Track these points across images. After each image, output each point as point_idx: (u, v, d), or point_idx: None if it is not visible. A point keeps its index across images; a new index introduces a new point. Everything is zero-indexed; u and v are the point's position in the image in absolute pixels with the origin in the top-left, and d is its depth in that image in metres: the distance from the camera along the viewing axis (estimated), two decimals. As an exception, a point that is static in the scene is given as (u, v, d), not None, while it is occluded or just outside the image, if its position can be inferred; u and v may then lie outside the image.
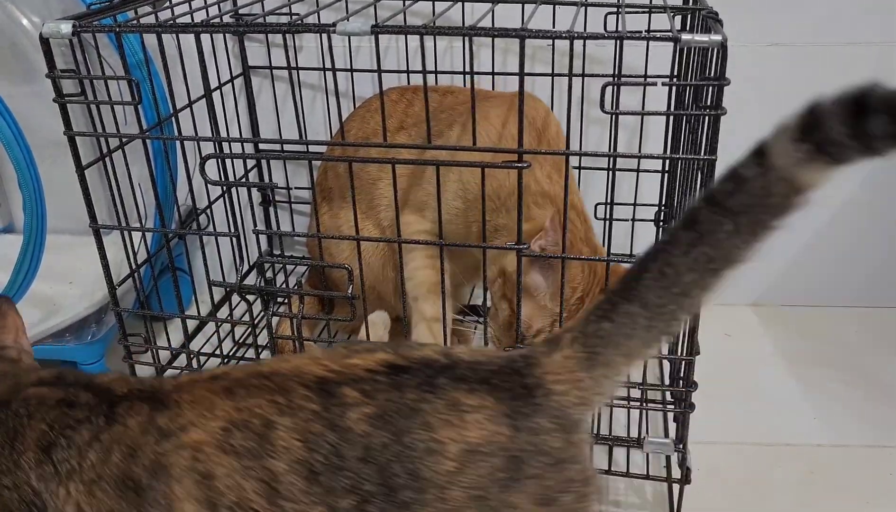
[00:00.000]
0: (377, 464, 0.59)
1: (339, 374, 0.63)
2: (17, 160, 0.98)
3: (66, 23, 0.85)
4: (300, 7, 1.25)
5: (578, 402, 0.62)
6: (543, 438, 0.60)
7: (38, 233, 1.03)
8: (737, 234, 0.59)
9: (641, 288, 0.61)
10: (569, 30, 0.76)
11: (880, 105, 0.48)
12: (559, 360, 0.62)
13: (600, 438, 0.97)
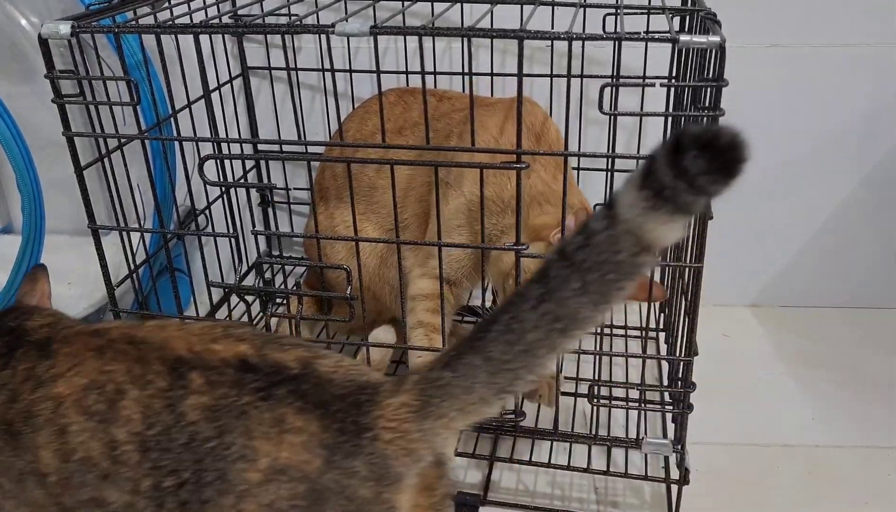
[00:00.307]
0: (196, 455, 0.60)
1: (196, 356, 0.64)
2: (16, 160, 0.98)
3: (65, 23, 0.85)
4: (299, 8, 1.25)
5: (404, 454, 0.59)
6: (352, 483, 0.58)
7: (37, 233, 1.03)
8: (584, 293, 0.56)
9: (488, 340, 0.58)
10: (567, 31, 0.76)
11: (691, 143, 0.48)
12: (395, 405, 0.60)
13: (599, 438, 0.97)
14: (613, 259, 0.55)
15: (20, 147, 1.00)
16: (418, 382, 0.61)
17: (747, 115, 1.26)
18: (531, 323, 0.57)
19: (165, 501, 0.61)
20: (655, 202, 0.51)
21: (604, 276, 0.55)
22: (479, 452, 1.05)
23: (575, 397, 1.14)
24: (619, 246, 0.54)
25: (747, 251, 1.42)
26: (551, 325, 0.57)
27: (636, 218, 0.53)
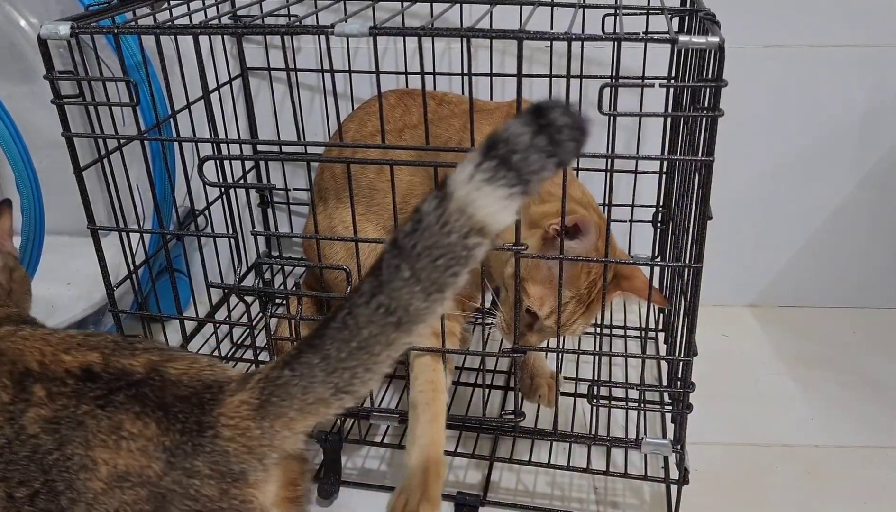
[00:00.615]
0: (42, 466, 0.61)
1: (43, 368, 0.65)
2: (15, 161, 0.98)
3: (65, 24, 0.85)
4: (299, 8, 1.25)
5: (244, 451, 0.59)
6: (195, 483, 0.58)
7: (36, 234, 1.03)
8: (415, 282, 0.54)
9: (325, 337, 0.57)
10: (567, 31, 0.76)
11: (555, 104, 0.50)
12: (235, 403, 0.60)
13: (598, 438, 0.97)
14: (443, 242, 0.53)
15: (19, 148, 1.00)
16: (259, 380, 0.60)
17: (746, 115, 1.27)
18: (364, 318, 0.56)
19: (23, 509, 0.62)
20: (496, 173, 0.50)
21: (434, 261, 0.53)
22: (478, 452, 1.05)
23: (574, 397, 1.14)
24: (450, 227, 0.53)
25: (746, 251, 1.42)
26: (384, 319, 0.55)
27: (470, 193, 0.51)
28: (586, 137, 0.51)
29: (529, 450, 1.06)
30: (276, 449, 0.60)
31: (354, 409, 1.01)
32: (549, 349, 0.95)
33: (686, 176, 1.02)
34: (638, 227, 1.29)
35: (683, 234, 0.99)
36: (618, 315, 1.35)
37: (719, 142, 0.79)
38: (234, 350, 1.26)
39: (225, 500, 0.59)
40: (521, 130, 0.50)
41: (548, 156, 0.50)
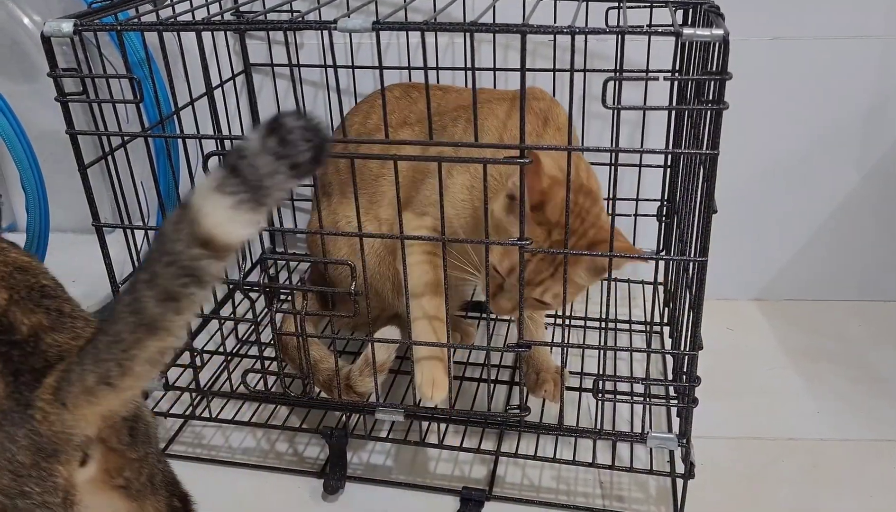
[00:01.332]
0: None
1: None
2: (20, 159, 0.99)
3: (68, 21, 0.85)
4: (301, 4, 1.25)
5: (51, 432, 0.60)
6: (13, 448, 0.59)
7: (41, 231, 1.04)
8: (151, 286, 0.53)
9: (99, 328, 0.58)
10: (570, 25, 0.75)
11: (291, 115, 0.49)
12: (47, 385, 0.60)
13: (604, 433, 0.97)
14: (173, 249, 0.52)
15: (24, 145, 1.00)
16: (66, 363, 0.61)
17: (751, 107, 1.27)
18: (118, 313, 0.56)
19: None
20: (224, 181, 0.49)
21: (166, 268, 0.53)
22: (483, 447, 1.05)
23: (580, 392, 1.14)
24: (178, 234, 0.51)
25: (751, 245, 1.42)
26: (129, 316, 0.55)
27: (200, 202, 0.50)
28: (323, 139, 0.49)
29: (535, 444, 1.06)
30: (75, 433, 0.60)
31: (359, 404, 1.02)
32: (553, 343, 0.95)
33: (691, 169, 1.01)
34: (643, 221, 1.29)
35: (688, 228, 0.99)
36: (622, 309, 1.35)
37: (724, 135, 0.79)
38: (240, 346, 1.26)
39: (35, 470, 0.60)
40: (252, 137, 0.49)
41: (278, 158, 0.49)
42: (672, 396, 1.07)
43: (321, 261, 1.01)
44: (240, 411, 1.14)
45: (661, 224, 1.26)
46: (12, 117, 0.98)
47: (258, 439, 1.14)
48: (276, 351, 1.04)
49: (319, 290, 1.04)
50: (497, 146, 0.90)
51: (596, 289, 1.38)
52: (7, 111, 0.97)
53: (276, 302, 1.22)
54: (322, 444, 1.12)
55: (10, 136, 0.97)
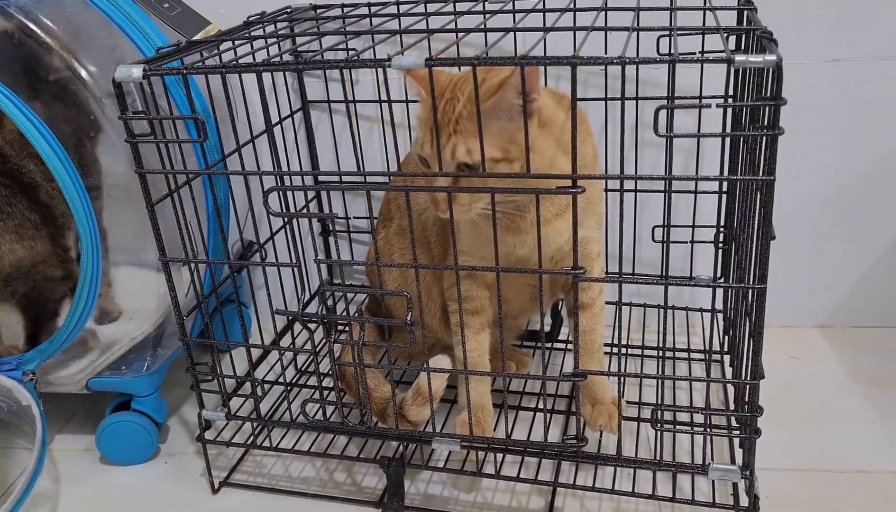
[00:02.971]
0: None
1: None
2: (72, 199, 1.02)
3: (137, 67, 0.90)
4: (356, 42, 1.28)
5: None
6: None
7: (95, 267, 1.07)
8: None
9: None
10: (620, 55, 0.76)
11: None
12: None
13: (663, 464, 0.96)
14: None
15: (76, 186, 1.04)
16: None
17: (809, 131, 1.25)
18: None
19: None
20: None
21: None
22: (541, 477, 1.04)
23: (638, 422, 1.12)
24: None
25: (813, 271, 1.38)
26: None
27: None
28: None
29: (593, 475, 1.05)
30: None
31: (416, 433, 1.02)
32: (610, 373, 0.95)
33: (747, 195, 1.00)
34: (699, 247, 1.28)
35: (746, 255, 0.97)
36: (680, 337, 1.33)
37: (781, 159, 0.78)
38: (299, 376, 1.28)
39: None
40: None
41: None
42: (734, 427, 1.05)
43: (378, 292, 1.02)
44: (299, 441, 1.15)
45: (719, 251, 1.25)
46: (65, 159, 1.02)
47: (317, 468, 1.15)
48: (334, 381, 1.05)
49: (376, 321, 1.06)
50: (548, 177, 0.90)
51: (653, 316, 1.37)
52: (60, 153, 1.01)
53: (334, 333, 1.25)
54: (380, 473, 1.12)
55: (64, 178, 1.00)
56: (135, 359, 1.17)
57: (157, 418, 1.19)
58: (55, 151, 1.00)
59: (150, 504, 1.11)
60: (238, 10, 1.19)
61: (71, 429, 1.28)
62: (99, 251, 1.05)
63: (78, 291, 1.07)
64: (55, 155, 1.00)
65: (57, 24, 1.04)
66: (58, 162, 1.00)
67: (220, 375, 1.07)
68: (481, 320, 1.03)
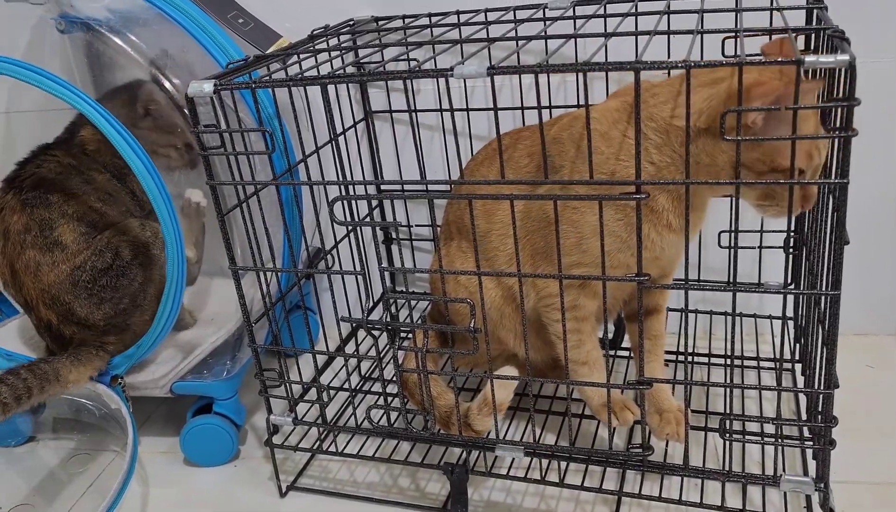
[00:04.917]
0: None
1: None
2: (161, 212, 1.06)
3: (209, 82, 0.93)
4: (418, 53, 1.30)
5: None
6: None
7: (179, 273, 1.11)
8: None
9: None
10: (684, 59, 0.75)
11: None
12: None
13: (732, 475, 0.94)
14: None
15: (165, 200, 1.08)
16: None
17: (883, 133, 1.20)
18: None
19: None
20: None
21: None
22: (605, 486, 1.03)
23: (705, 432, 1.10)
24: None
25: (889, 276, 1.33)
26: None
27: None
28: None
29: (659, 485, 1.03)
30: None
31: (480, 440, 1.03)
32: (676, 380, 0.93)
33: (819, 199, 0.97)
34: (769, 253, 1.24)
35: (818, 260, 0.95)
36: (749, 345, 1.29)
37: (855, 162, 0.76)
38: (363, 383, 1.30)
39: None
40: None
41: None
42: (807, 437, 1.02)
43: (441, 299, 1.03)
44: (364, 446, 1.17)
45: (789, 256, 1.21)
46: (155, 174, 1.06)
47: (382, 474, 1.17)
48: (398, 387, 1.07)
49: (440, 328, 1.06)
50: (610, 183, 0.90)
51: (720, 323, 1.34)
52: (152, 170, 1.05)
53: (398, 339, 1.26)
54: (443, 480, 1.13)
55: (154, 193, 1.05)
56: (215, 363, 1.22)
57: (237, 421, 1.22)
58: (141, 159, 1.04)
59: (222, 506, 1.14)
60: (303, 24, 1.22)
61: (148, 431, 1.32)
62: (184, 258, 1.09)
63: (164, 296, 1.11)
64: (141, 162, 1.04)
65: (143, 40, 1.09)
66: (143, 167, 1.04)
67: (288, 381, 1.09)
68: (592, 323, 1.02)
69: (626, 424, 1.00)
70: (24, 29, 1.33)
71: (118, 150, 1.04)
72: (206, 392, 1.20)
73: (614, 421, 0.99)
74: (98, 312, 1.16)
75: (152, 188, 1.05)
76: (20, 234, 1.15)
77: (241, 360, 1.23)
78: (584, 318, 1.00)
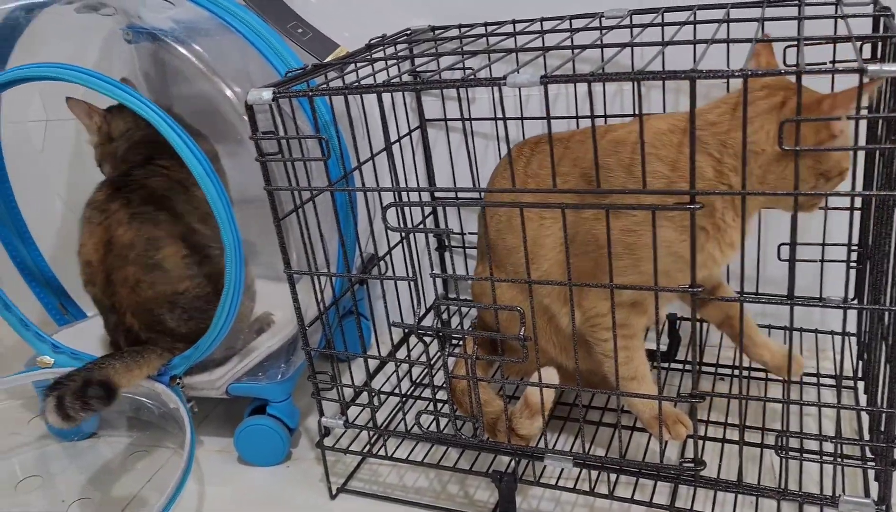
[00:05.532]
0: None
1: None
2: (220, 216, 1.09)
3: (268, 90, 0.95)
4: (473, 61, 1.31)
5: None
6: None
7: (237, 276, 1.14)
8: None
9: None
10: (743, 68, 0.74)
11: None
12: None
13: (789, 493, 0.91)
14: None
15: (224, 204, 1.11)
16: None
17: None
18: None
19: None
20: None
21: None
22: (656, 501, 1.02)
23: (761, 448, 1.07)
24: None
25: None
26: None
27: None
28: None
29: (712, 501, 1.01)
30: None
31: (528, 449, 1.02)
32: (732, 395, 0.91)
33: (884, 211, 0.94)
34: (830, 267, 1.21)
35: (883, 274, 0.92)
36: (809, 362, 1.26)
37: (920, 174, 0.73)
38: (413, 388, 1.31)
39: None
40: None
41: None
42: (868, 458, 0.99)
43: (492, 307, 1.03)
44: (413, 451, 1.18)
45: (850, 270, 1.17)
46: (215, 178, 1.09)
47: (430, 479, 1.17)
48: (448, 394, 1.07)
49: (490, 335, 1.06)
50: (664, 193, 0.89)
51: (778, 337, 1.31)
52: (211, 173, 1.08)
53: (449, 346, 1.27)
54: (492, 487, 1.13)
55: (213, 196, 1.08)
56: (270, 366, 1.24)
57: (289, 423, 1.24)
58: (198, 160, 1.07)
59: (274, 506, 1.16)
60: (361, 33, 1.24)
61: (205, 430, 1.36)
62: (242, 260, 1.12)
63: (221, 303, 1.14)
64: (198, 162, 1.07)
65: (206, 50, 1.12)
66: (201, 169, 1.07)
67: (340, 385, 1.11)
68: (640, 339, 1.02)
69: (678, 437, 0.99)
70: (96, 40, 1.39)
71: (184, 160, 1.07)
72: (260, 394, 1.23)
73: (666, 434, 0.98)
74: (185, 326, 1.20)
75: (212, 194, 1.07)
76: (124, 248, 1.18)
77: (295, 363, 1.25)
78: (632, 335, 0.99)
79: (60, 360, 1.28)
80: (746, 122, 0.78)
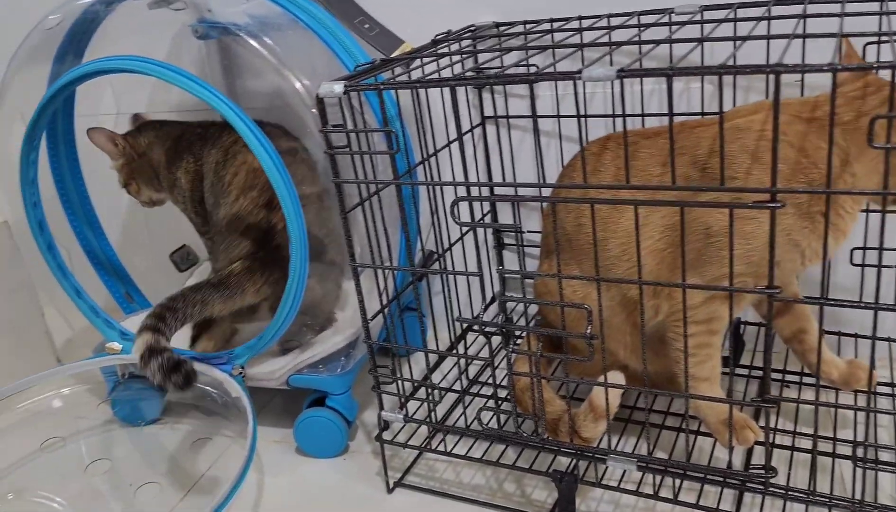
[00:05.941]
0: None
1: None
2: (287, 208, 1.10)
3: (339, 83, 0.96)
4: (537, 58, 1.30)
5: None
6: None
7: (301, 269, 1.15)
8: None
9: None
10: (830, 62, 0.72)
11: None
12: None
13: (866, 504, 0.88)
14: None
15: (291, 197, 1.12)
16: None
17: None
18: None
19: None
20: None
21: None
22: (722, 507, 0.99)
23: (833, 458, 1.04)
24: None
25: None
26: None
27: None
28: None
29: (781, 510, 0.98)
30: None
31: (591, 450, 1.01)
32: (804, 401, 0.88)
33: (971, 215, 0.91)
34: (906, 272, 1.17)
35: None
36: (883, 371, 1.22)
37: None
38: (471, 385, 1.31)
39: None
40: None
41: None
42: (949, 471, 0.95)
43: (558, 304, 1.02)
44: (472, 448, 1.17)
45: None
46: (283, 172, 1.10)
47: (487, 477, 1.17)
48: (510, 391, 1.06)
49: (555, 332, 1.05)
50: (742, 190, 0.86)
51: (849, 347, 1.26)
52: (280, 167, 1.10)
53: (512, 342, 1.26)
54: (549, 487, 1.12)
55: (282, 191, 1.09)
56: (330, 360, 1.25)
57: (348, 416, 1.25)
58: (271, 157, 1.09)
59: (332, 498, 1.17)
60: (426, 29, 1.24)
61: (265, 420, 1.37)
62: (306, 254, 1.13)
63: (286, 290, 1.15)
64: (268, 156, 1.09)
65: (277, 44, 1.14)
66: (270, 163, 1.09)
67: (400, 379, 1.11)
68: (721, 338, 1.00)
69: (746, 443, 0.96)
70: (166, 35, 1.42)
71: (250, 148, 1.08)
72: (320, 386, 1.24)
73: (733, 440, 0.95)
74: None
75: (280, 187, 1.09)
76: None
77: (355, 357, 1.26)
78: (717, 331, 0.96)
79: (127, 347, 1.31)
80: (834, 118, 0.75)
